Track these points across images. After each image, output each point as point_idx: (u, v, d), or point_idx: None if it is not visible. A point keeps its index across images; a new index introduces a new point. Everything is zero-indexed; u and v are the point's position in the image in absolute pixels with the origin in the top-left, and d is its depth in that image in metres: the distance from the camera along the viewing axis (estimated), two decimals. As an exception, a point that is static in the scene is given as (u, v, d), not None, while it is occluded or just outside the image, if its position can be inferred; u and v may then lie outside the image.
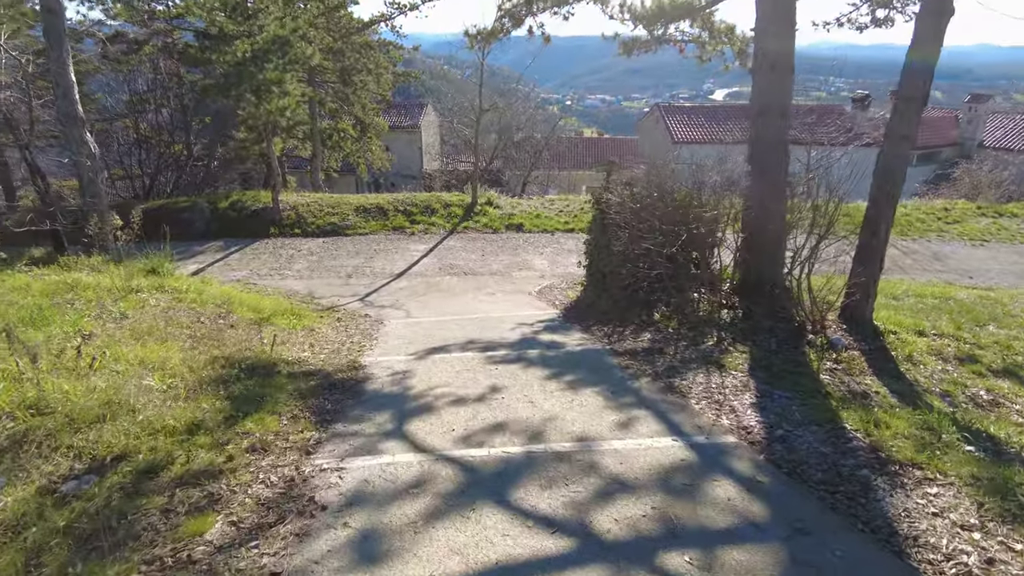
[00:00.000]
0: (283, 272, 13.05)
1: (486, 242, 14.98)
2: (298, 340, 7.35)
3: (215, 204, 16.29)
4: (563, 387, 5.20)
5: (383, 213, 16.35)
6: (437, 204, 16.83)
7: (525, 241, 15.05)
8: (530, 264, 13.42)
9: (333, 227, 15.69)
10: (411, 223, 16.00)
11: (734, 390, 5.11)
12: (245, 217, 16.02)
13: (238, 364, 5.75)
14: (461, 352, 6.58)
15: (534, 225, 15.95)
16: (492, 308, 9.88)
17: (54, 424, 3.89)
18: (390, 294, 11.32)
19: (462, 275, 12.69)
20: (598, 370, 5.72)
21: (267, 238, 15.33)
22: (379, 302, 10.74)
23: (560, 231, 15.75)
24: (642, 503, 3.27)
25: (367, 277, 12.63)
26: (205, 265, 13.64)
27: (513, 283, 12.10)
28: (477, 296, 11.11)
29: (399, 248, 14.60)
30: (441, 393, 5.09)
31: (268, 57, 14.14)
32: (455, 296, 11.11)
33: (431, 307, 10.15)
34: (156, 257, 9.51)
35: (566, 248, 14.53)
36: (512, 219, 16.17)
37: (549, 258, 13.85)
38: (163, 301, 7.78)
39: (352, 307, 10.26)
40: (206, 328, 7.09)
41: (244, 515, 3.16)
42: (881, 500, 3.31)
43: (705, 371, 5.55)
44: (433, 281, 12.26)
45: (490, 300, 10.68)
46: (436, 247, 14.64)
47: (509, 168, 34.46)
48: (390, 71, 24.42)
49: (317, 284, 12.12)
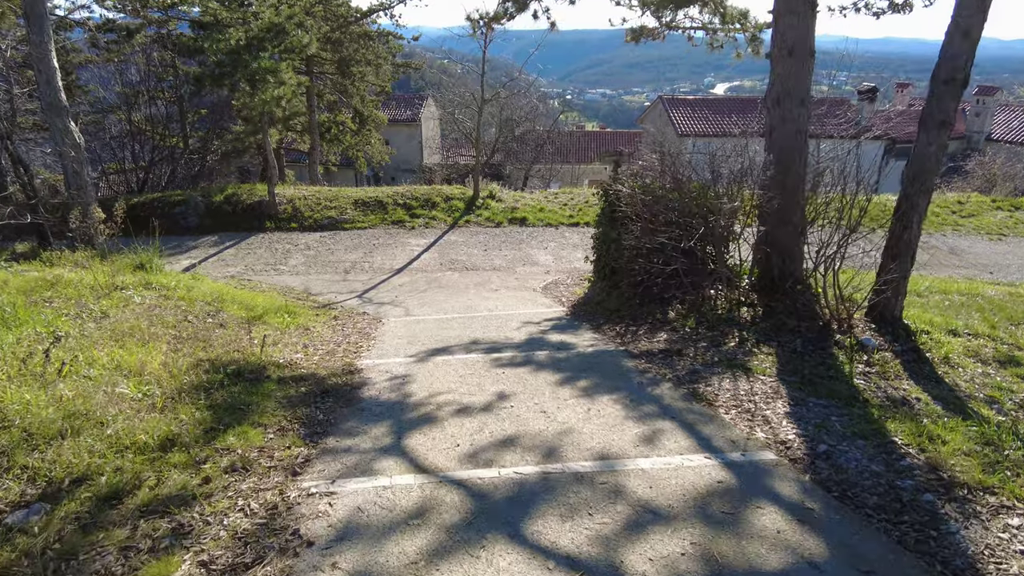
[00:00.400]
0: (279, 268, 12.60)
1: (489, 236, 14.52)
2: (291, 340, 6.90)
3: (210, 198, 15.83)
4: (577, 394, 4.76)
5: (382, 207, 15.88)
6: (438, 198, 16.36)
7: (529, 235, 14.58)
8: (534, 259, 12.97)
9: (331, 221, 15.22)
10: (411, 217, 15.54)
11: (765, 397, 4.66)
12: (240, 211, 15.55)
13: (224, 368, 5.31)
14: (465, 354, 6.13)
15: (538, 219, 15.49)
16: (496, 305, 9.43)
17: (9, 440, 3.44)
18: (389, 290, 10.87)
19: (464, 271, 12.24)
20: (614, 374, 5.27)
21: (263, 232, 14.87)
22: (378, 299, 10.29)
23: (564, 225, 15.28)
24: (679, 537, 2.82)
25: (365, 273, 12.18)
26: (198, 260, 13.19)
27: (517, 279, 11.64)
28: (480, 292, 10.66)
29: (399, 243, 14.14)
30: (444, 401, 4.64)
31: (263, 45, 13.66)
32: (457, 292, 10.66)
33: (432, 304, 9.70)
34: (144, 252, 9.07)
35: (571, 242, 14.07)
36: (515, 213, 15.70)
37: (554, 253, 13.39)
38: (149, 299, 7.34)
39: (350, 304, 9.82)
40: (193, 328, 6.65)
41: (217, 553, 2.71)
42: (956, 534, 2.86)
43: (731, 375, 5.10)
44: (434, 277, 11.81)
45: (494, 297, 10.22)
46: (437, 242, 14.18)
47: (510, 162, 33.99)
48: (389, 62, 23.91)
49: (314, 280, 11.67)
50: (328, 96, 24.98)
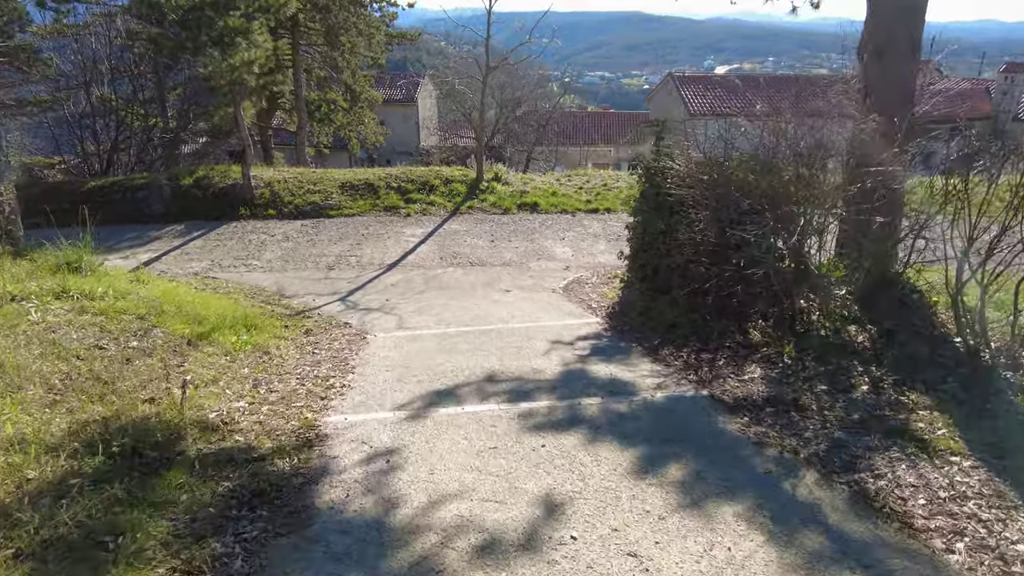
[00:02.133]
0: (250, 263, 10.69)
1: (495, 225, 12.59)
2: (239, 373, 5.03)
3: (177, 181, 13.84)
4: (677, 505, 2.88)
5: (373, 191, 13.92)
6: (436, 180, 14.38)
7: (542, 224, 12.66)
8: (550, 252, 11.06)
9: (314, 207, 13.27)
10: (406, 202, 13.58)
11: (984, 503, 2.81)
12: (211, 196, 13.58)
13: (119, 436, 3.46)
14: (479, 403, 4.26)
15: (551, 204, 13.54)
16: (511, 313, 7.55)
17: None
18: (379, 292, 8.98)
19: (468, 266, 10.34)
20: (717, 451, 3.41)
21: (236, 221, 12.91)
22: (365, 303, 8.41)
23: (582, 212, 13.34)
24: None
25: (352, 269, 10.28)
26: (159, 254, 11.28)
27: (532, 276, 9.75)
28: (489, 294, 8.78)
29: (392, 232, 12.22)
30: (454, 522, 2.77)
31: (232, 2, 11.63)
32: (461, 294, 8.78)
33: (431, 311, 7.82)
34: (75, 249, 7.17)
35: (591, 232, 12.16)
36: (524, 198, 13.75)
37: (572, 244, 11.48)
38: (56, 314, 5.44)
39: (330, 310, 7.95)
40: (104, 359, 4.77)
41: None
42: None
43: (904, 456, 3.24)
44: (433, 274, 9.91)
45: (507, 300, 8.35)
46: (436, 231, 12.26)
47: (511, 144, 32.19)
48: (382, 32, 21.78)
49: (290, 278, 9.77)
50: (317, 71, 22.93)
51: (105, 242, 11.93)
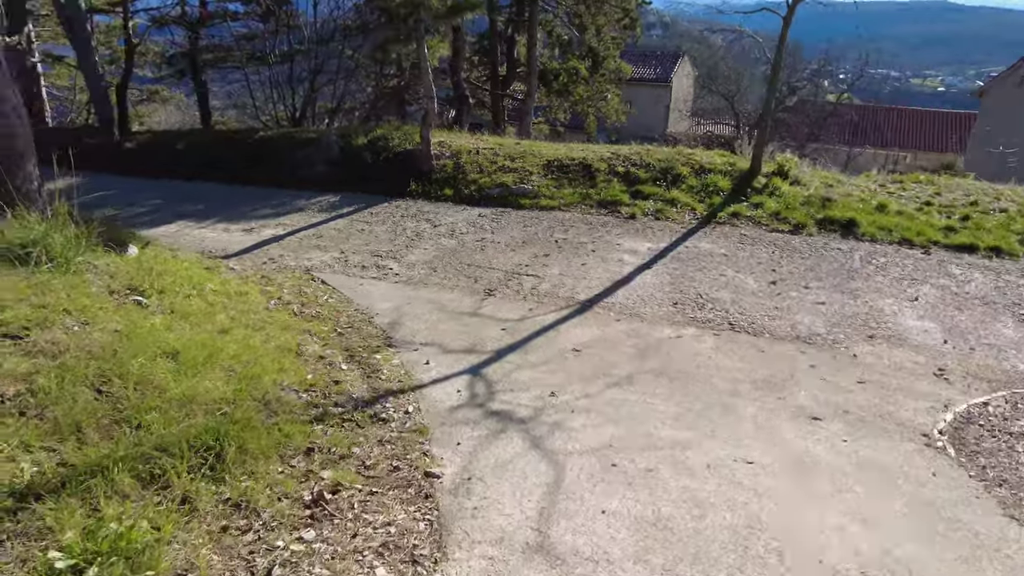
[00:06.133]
0: (385, 264, 7.10)
1: (779, 252, 7.48)
2: None
3: (348, 140, 10.95)
4: None
5: (589, 175, 9.59)
6: (684, 168, 9.55)
7: (865, 260, 7.23)
8: (893, 324, 5.75)
9: (502, 192, 9.35)
10: (632, 197, 9.02)
11: None
12: (383, 162, 10.42)
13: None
14: None
15: (877, 226, 7.93)
16: (840, 523, 2.72)
17: None
18: (547, 365, 4.69)
19: (725, 330, 5.54)
20: None
21: (400, 199, 9.53)
22: (510, 383, 4.22)
23: (941, 245, 7.55)
24: None
25: (520, 300, 6.10)
26: (288, 232, 8.27)
27: (863, 381, 4.66)
28: (772, 422, 3.98)
29: (601, 243, 7.80)
30: None
31: None
32: (707, 409, 4.12)
33: (632, 459, 3.32)
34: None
35: (970, 292, 6.49)
36: (830, 209, 8.32)
37: (937, 313, 5.98)
38: None
39: (439, 397, 3.87)
40: None
41: None
42: None
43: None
44: (655, 339, 5.31)
45: (815, 455, 3.50)
46: (672, 250, 7.56)
47: (777, 136, 26.52)
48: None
49: (422, 302, 5.92)
50: (558, 31, 19.31)
51: (240, 207, 9.33)
